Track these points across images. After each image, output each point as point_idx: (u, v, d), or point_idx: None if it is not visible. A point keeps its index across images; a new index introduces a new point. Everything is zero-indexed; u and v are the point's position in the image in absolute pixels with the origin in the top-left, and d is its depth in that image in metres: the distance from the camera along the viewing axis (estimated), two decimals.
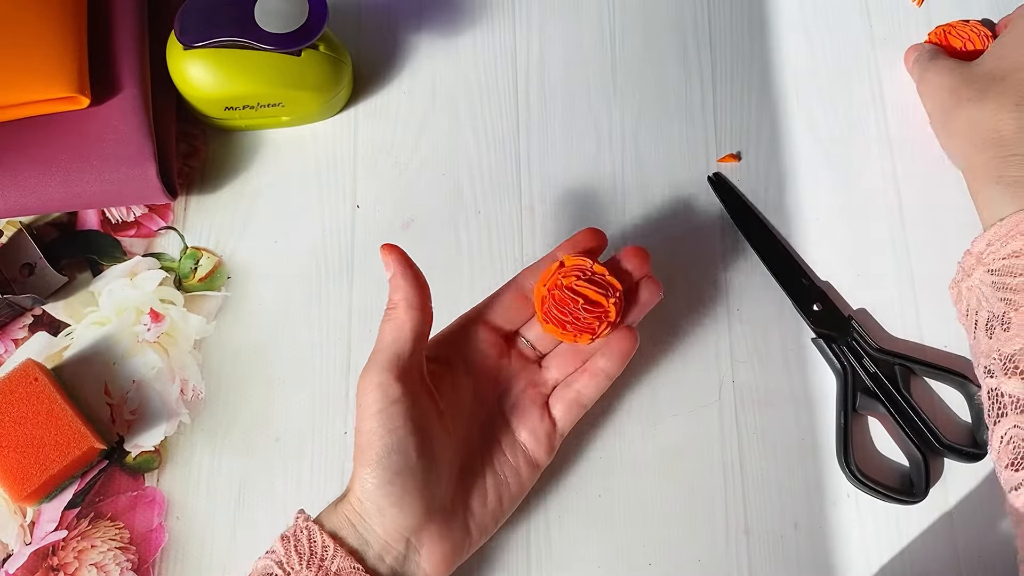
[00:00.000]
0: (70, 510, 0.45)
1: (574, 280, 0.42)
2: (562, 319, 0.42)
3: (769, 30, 0.55)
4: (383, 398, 0.38)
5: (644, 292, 0.44)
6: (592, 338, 0.42)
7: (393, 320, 0.39)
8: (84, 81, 0.46)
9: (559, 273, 0.42)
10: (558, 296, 0.42)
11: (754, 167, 0.52)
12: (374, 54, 0.54)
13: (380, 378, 0.38)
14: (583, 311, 0.41)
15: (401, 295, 0.40)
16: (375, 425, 0.37)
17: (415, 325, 0.39)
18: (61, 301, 0.48)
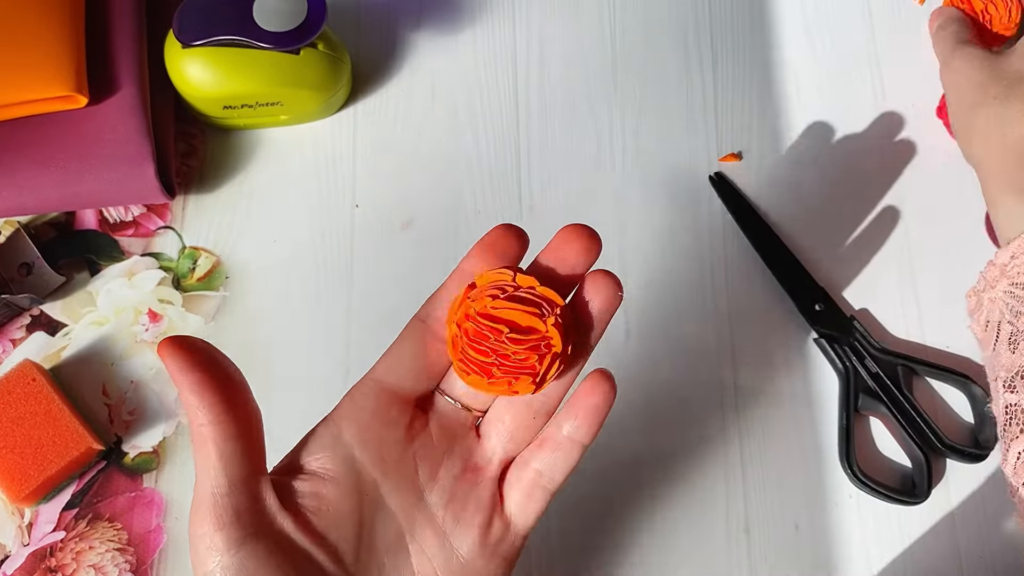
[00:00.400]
0: (68, 511, 0.45)
1: (489, 303, 0.29)
2: (484, 362, 0.29)
3: (770, 29, 0.55)
4: (207, 558, 0.27)
5: (594, 296, 0.30)
6: (535, 381, 0.29)
7: (197, 450, 0.28)
8: (82, 80, 0.45)
9: (468, 298, 0.29)
10: (472, 330, 0.29)
11: (755, 166, 0.51)
12: (373, 53, 0.54)
13: (199, 529, 0.27)
14: (509, 343, 0.28)
15: (199, 412, 0.28)
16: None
17: (226, 448, 0.28)
18: (59, 301, 0.48)
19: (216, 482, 0.28)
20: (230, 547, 0.27)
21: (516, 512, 0.31)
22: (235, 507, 0.28)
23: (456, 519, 0.30)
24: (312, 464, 0.30)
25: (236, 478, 0.28)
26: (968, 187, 0.51)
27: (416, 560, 0.29)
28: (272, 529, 0.28)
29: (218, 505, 0.28)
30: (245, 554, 0.27)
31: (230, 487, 0.28)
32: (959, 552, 0.45)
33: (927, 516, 0.45)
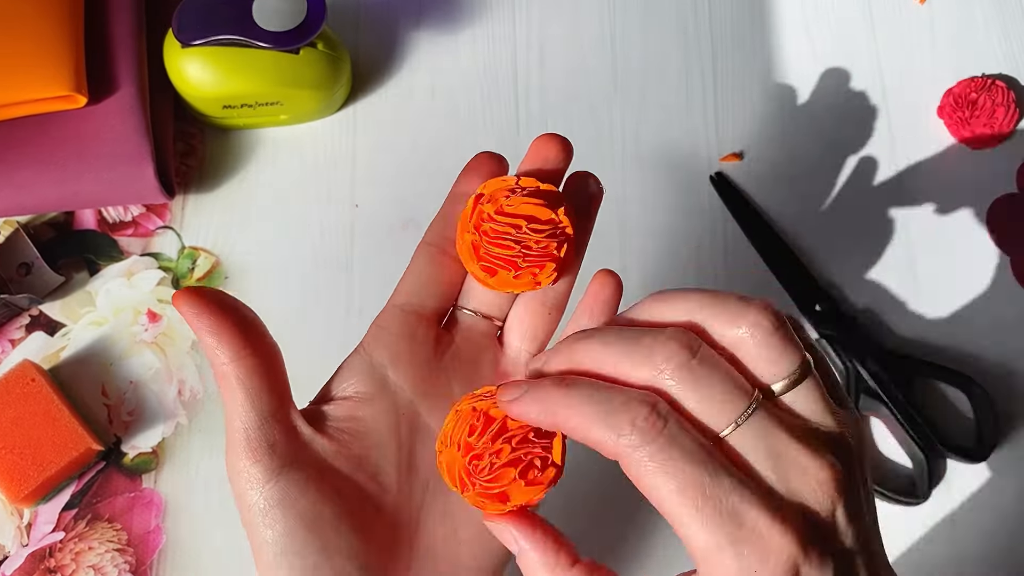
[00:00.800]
0: (67, 511, 0.45)
1: (504, 202, 0.29)
2: (509, 256, 0.29)
3: (770, 28, 0.54)
4: (248, 490, 0.28)
5: (576, 192, 0.31)
6: (556, 267, 0.29)
7: (223, 389, 0.28)
8: (81, 80, 0.45)
9: (482, 203, 0.30)
10: (491, 230, 0.29)
11: (756, 166, 0.51)
12: (373, 52, 0.53)
13: (236, 465, 0.28)
14: (531, 232, 0.29)
15: (219, 352, 0.28)
16: (254, 523, 0.28)
17: (251, 383, 0.28)
18: (58, 301, 0.48)
19: (246, 417, 0.28)
20: (269, 478, 0.28)
21: None
22: (268, 439, 0.28)
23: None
24: (347, 390, 0.30)
25: (265, 411, 0.28)
26: (970, 186, 0.51)
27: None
28: (309, 456, 0.28)
29: (251, 439, 0.28)
30: (285, 482, 0.28)
31: (260, 420, 0.28)
32: (960, 552, 0.45)
33: (927, 516, 0.45)
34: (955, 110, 0.51)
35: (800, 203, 0.51)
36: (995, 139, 0.51)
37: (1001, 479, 0.46)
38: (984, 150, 0.51)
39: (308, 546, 0.28)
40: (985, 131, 0.50)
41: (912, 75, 0.53)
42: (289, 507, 0.28)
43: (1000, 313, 0.49)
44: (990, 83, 0.50)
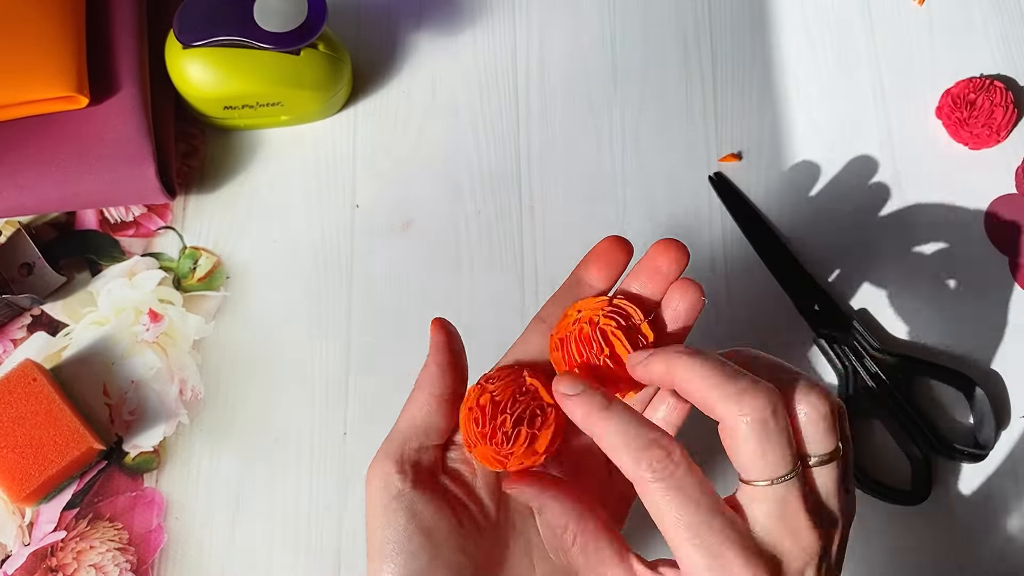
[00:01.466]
0: (69, 511, 0.45)
1: (612, 326, 0.34)
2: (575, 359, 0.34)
3: (770, 29, 0.55)
4: (384, 493, 0.34)
5: (679, 301, 0.35)
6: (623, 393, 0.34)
7: (411, 405, 0.35)
8: (83, 80, 0.46)
9: (601, 307, 0.34)
10: (586, 333, 0.33)
11: (755, 166, 0.51)
12: (373, 53, 0.54)
13: (383, 469, 0.34)
14: (605, 361, 0.33)
15: (425, 377, 0.35)
16: (378, 523, 0.34)
17: (433, 415, 0.35)
18: (59, 301, 0.48)
19: (411, 436, 0.35)
20: (405, 487, 0.34)
21: None
22: (417, 459, 0.34)
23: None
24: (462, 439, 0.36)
25: (426, 441, 0.35)
26: (968, 186, 0.51)
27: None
28: (435, 480, 0.35)
29: (405, 454, 0.34)
30: (416, 495, 0.34)
31: (419, 445, 0.35)
32: (959, 552, 0.45)
33: (927, 516, 0.45)
34: (953, 111, 0.51)
35: (799, 204, 0.51)
36: (993, 140, 0.51)
37: (999, 480, 0.46)
38: (982, 150, 0.52)
39: (421, 549, 0.33)
40: (983, 132, 0.50)
41: (911, 76, 0.53)
42: (414, 515, 0.33)
43: (998, 313, 0.49)
44: (988, 84, 0.51)
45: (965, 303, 0.49)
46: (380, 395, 0.47)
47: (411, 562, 0.33)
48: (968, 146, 0.51)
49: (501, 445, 0.33)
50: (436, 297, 0.49)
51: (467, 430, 0.34)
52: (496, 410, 0.33)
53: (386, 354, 0.48)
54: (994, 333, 0.48)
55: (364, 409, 0.47)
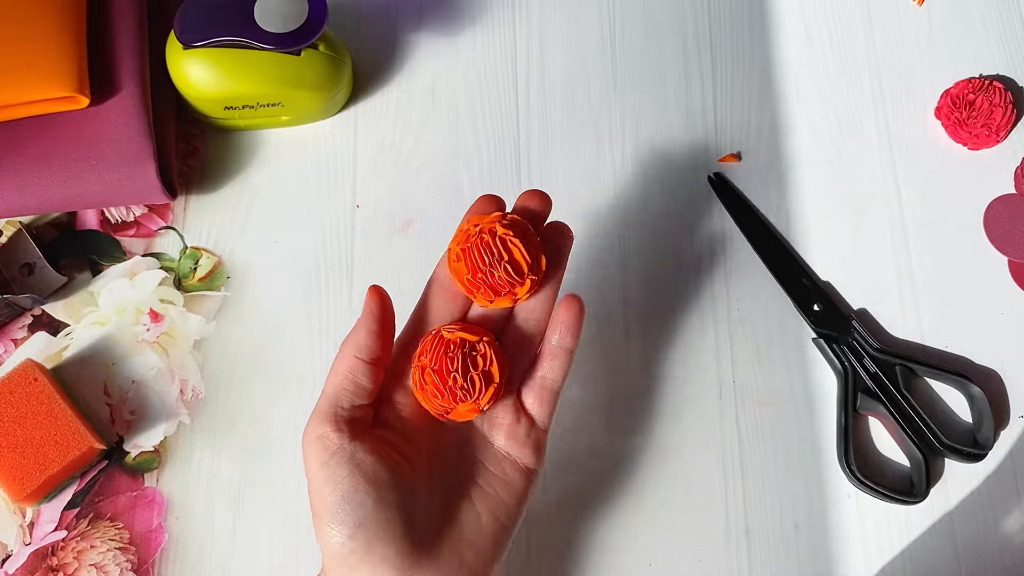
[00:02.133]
0: (69, 510, 0.45)
1: (511, 235, 0.37)
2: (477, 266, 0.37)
3: (769, 29, 0.55)
4: (323, 451, 0.36)
5: (555, 237, 0.40)
6: (512, 301, 0.38)
7: (338, 368, 0.37)
8: (84, 81, 0.46)
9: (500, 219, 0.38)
10: (486, 241, 0.37)
11: (754, 167, 0.52)
12: (374, 54, 0.54)
13: (319, 431, 0.36)
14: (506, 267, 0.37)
15: (353, 340, 0.37)
16: (321, 480, 0.35)
17: (360, 377, 0.37)
18: (60, 301, 0.48)
19: (342, 397, 0.37)
20: (343, 442, 0.36)
21: (536, 412, 0.39)
22: (351, 415, 0.37)
23: (491, 423, 0.39)
24: (391, 395, 0.39)
25: (358, 402, 0.37)
26: (967, 187, 0.51)
27: (467, 456, 0.39)
28: (371, 433, 0.37)
29: (338, 413, 0.36)
30: (355, 447, 0.36)
31: (352, 407, 0.37)
32: (957, 551, 0.45)
33: (926, 516, 0.45)
34: (952, 111, 0.51)
35: (797, 203, 0.51)
36: (992, 140, 0.51)
37: (998, 479, 0.46)
38: (981, 151, 0.52)
39: (367, 496, 0.35)
40: (982, 132, 0.50)
41: (910, 76, 0.53)
42: (356, 464, 0.35)
43: (997, 313, 0.49)
44: (987, 84, 0.51)
45: (964, 303, 0.49)
46: None
47: (358, 511, 0.35)
48: (967, 146, 0.52)
49: (468, 398, 0.36)
50: None
51: (431, 405, 0.37)
52: (443, 378, 0.36)
53: None
54: (993, 333, 0.49)
55: None
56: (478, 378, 0.37)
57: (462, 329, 0.37)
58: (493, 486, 0.38)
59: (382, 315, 0.38)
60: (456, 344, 0.37)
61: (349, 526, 0.34)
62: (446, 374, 0.36)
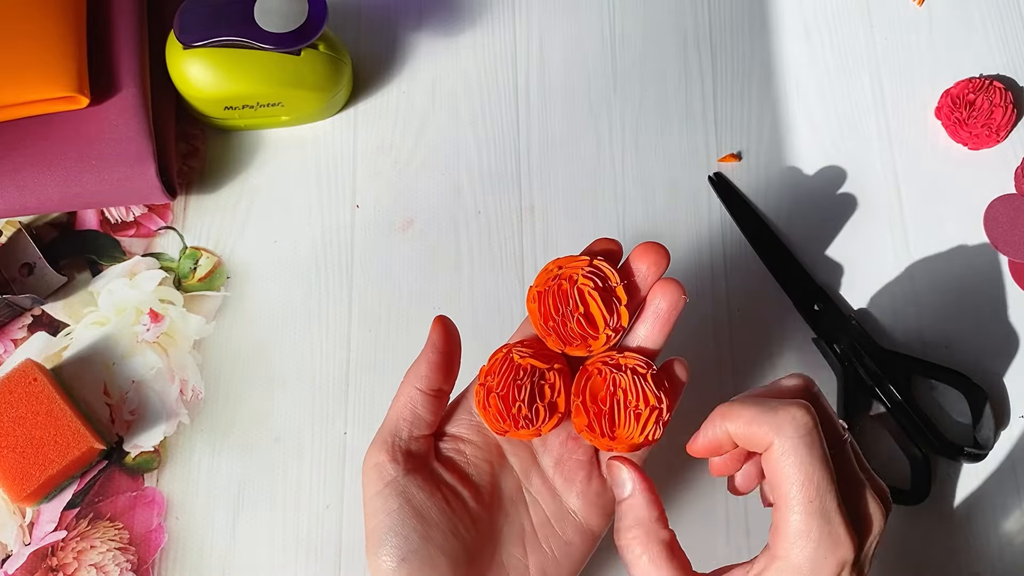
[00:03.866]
0: (69, 510, 0.45)
1: (590, 285, 0.36)
2: (551, 313, 0.37)
3: (770, 29, 0.55)
4: (378, 480, 0.37)
5: (661, 300, 0.38)
6: (562, 350, 0.37)
7: (400, 398, 0.38)
8: (83, 81, 0.46)
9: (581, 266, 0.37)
10: (564, 288, 0.36)
11: (755, 167, 0.52)
12: (374, 54, 0.54)
13: (376, 459, 0.37)
14: (579, 319, 0.36)
15: (415, 370, 0.38)
16: (374, 507, 0.37)
17: (420, 409, 0.37)
18: (60, 301, 0.48)
19: (402, 428, 0.37)
20: (398, 474, 0.36)
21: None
22: (409, 448, 0.37)
23: (563, 477, 0.39)
24: (453, 430, 0.39)
25: (416, 433, 0.38)
26: (967, 186, 0.52)
27: (532, 508, 0.39)
28: (426, 467, 0.38)
29: (397, 444, 0.37)
30: (408, 480, 0.37)
31: (409, 435, 0.37)
32: (958, 552, 0.45)
33: (926, 516, 0.46)
34: (953, 111, 0.51)
35: (798, 203, 0.51)
36: (992, 140, 0.51)
37: (998, 479, 0.46)
38: (981, 151, 0.52)
39: (414, 532, 0.36)
40: (983, 132, 0.51)
41: (910, 76, 0.54)
42: (407, 499, 0.36)
43: (997, 313, 0.49)
44: (988, 84, 0.51)
45: (964, 303, 0.49)
46: (381, 395, 0.47)
47: (404, 544, 0.35)
48: (967, 146, 0.52)
49: (530, 426, 0.36)
50: (436, 297, 0.49)
51: (491, 424, 0.37)
52: (508, 405, 0.36)
53: (387, 354, 0.48)
54: (994, 333, 0.49)
55: (364, 408, 0.47)
56: (543, 409, 0.36)
57: (534, 355, 0.37)
58: (550, 543, 0.38)
59: (445, 347, 0.38)
60: (526, 371, 0.36)
61: (395, 558, 0.35)
62: (512, 402, 0.36)
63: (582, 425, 0.37)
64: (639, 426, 0.36)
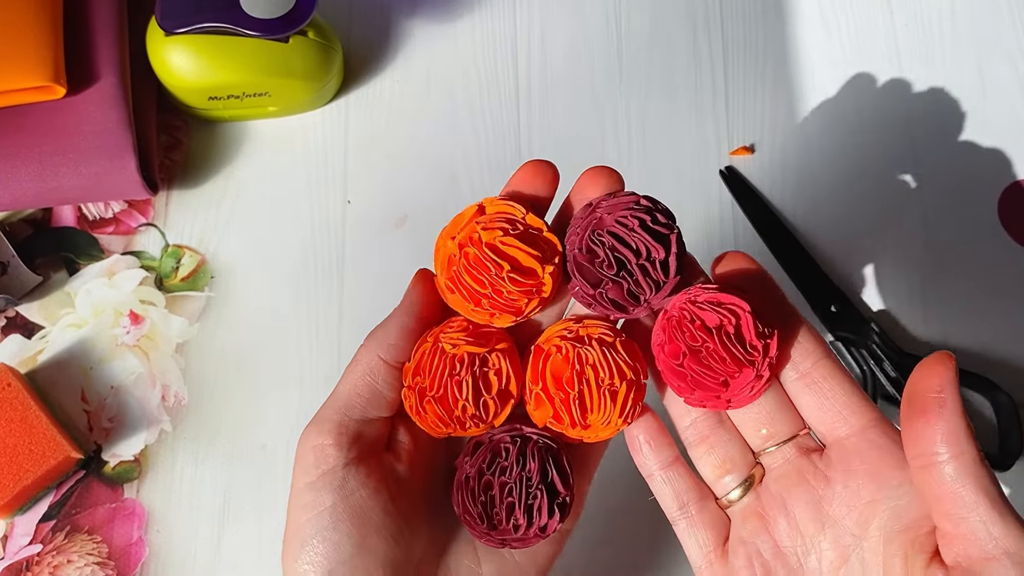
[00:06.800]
0: (45, 523, 0.45)
1: (499, 236, 0.31)
2: (476, 290, 0.31)
3: (784, 14, 0.55)
4: (314, 467, 0.31)
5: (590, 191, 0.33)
6: (515, 320, 0.32)
7: (356, 367, 0.32)
8: (60, 70, 0.46)
9: (477, 223, 0.31)
10: (473, 256, 0.31)
11: (768, 160, 0.52)
12: (366, 40, 0.54)
13: (316, 440, 0.31)
14: (508, 282, 0.30)
15: (380, 335, 0.32)
16: (303, 501, 0.31)
17: (380, 384, 0.32)
18: (35, 302, 0.48)
19: (352, 407, 0.32)
20: (339, 463, 0.31)
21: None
22: (356, 432, 0.31)
23: None
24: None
25: (372, 415, 0.32)
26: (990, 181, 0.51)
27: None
28: (376, 458, 0.32)
29: (345, 424, 0.31)
30: (350, 473, 0.31)
31: (362, 419, 0.32)
32: None
33: None
34: None
35: (814, 199, 0.51)
36: None
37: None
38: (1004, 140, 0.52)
39: (347, 537, 0.30)
40: None
41: (933, 62, 0.53)
42: (345, 496, 0.31)
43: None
44: None
45: (990, 304, 0.49)
46: None
47: (334, 553, 0.30)
48: None
49: (480, 424, 0.31)
50: None
51: (431, 431, 0.32)
52: (449, 408, 0.31)
53: None
54: (1020, 336, 0.48)
55: None
56: (492, 402, 0.31)
57: (468, 336, 0.31)
58: (514, 551, 0.33)
59: (425, 311, 0.32)
60: (463, 362, 0.31)
61: (319, 569, 0.30)
62: (453, 404, 0.31)
63: (545, 417, 0.32)
64: (616, 406, 0.31)
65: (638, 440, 0.33)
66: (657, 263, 0.30)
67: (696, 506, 0.33)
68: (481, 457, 0.31)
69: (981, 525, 0.28)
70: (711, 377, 0.30)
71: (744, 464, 0.33)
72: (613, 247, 0.30)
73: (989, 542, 0.27)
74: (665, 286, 0.30)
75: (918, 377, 0.29)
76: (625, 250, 0.30)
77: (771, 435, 0.32)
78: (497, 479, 0.31)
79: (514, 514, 0.31)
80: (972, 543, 0.28)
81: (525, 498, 0.31)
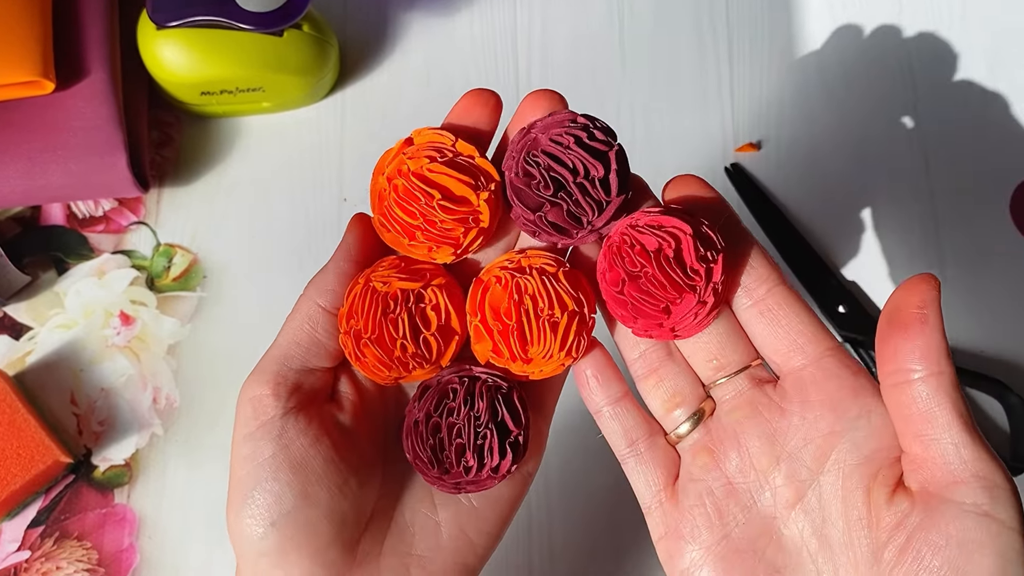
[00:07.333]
0: (33, 529, 0.45)
1: (426, 164, 0.30)
2: (408, 223, 0.30)
3: (791, 5, 0.54)
4: (253, 418, 0.30)
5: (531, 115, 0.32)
6: (455, 253, 0.31)
7: (295, 316, 0.31)
8: (48, 64, 0.45)
9: (403, 153, 0.31)
10: (402, 188, 0.30)
11: (775, 157, 0.51)
12: (362, 34, 0.53)
13: (255, 391, 0.31)
14: (439, 211, 0.30)
15: (319, 282, 0.32)
16: (242, 454, 0.30)
17: (320, 332, 0.31)
18: (24, 302, 0.48)
19: (291, 357, 0.31)
20: (278, 413, 0.30)
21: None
22: (295, 383, 0.31)
23: None
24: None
25: (312, 364, 0.31)
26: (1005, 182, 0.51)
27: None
28: (317, 407, 0.31)
29: (282, 378, 0.31)
30: (289, 423, 0.30)
31: (302, 368, 0.31)
32: None
33: None
34: None
35: (822, 197, 0.51)
36: None
37: None
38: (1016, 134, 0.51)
39: (289, 488, 0.30)
40: None
41: (942, 54, 0.53)
42: (284, 445, 0.30)
43: None
44: None
45: (1001, 304, 0.49)
46: None
47: (276, 504, 0.30)
48: None
49: (425, 364, 0.31)
50: None
51: (376, 377, 0.31)
52: (387, 348, 0.30)
53: None
54: None
55: None
56: (434, 340, 0.30)
57: (401, 272, 0.30)
58: (471, 495, 0.33)
59: (362, 254, 0.32)
60: (396, 299, 0.30)
61: (263, 522, 0.30)
62: (391, 343, 0.30)
63: (486, 351, 0.31)
64: (557, 339, 0.30)
65: (585, 375, 0.32)
66: (596, 181, 0.29)
67: (645, 443, 0.32)
68: (429, 400, 0.30)
69: (952, 448, 0.27)
70: (651, 304, 0.29)
71: (694, 397, 0.32)
72: (549, 167, 0.29)
73: (959, 465, 0.27)
74: (609, 206, 0.29)
75: (899, 295, 0.28)
76: (561, 169, 0.29)
77: (721, 366, 0.31)
78: (445, 420, 0.30)
79: (464, 456, 0.30)
80: (941, 466, 0.27)
81: (474, 438, 0.30)
